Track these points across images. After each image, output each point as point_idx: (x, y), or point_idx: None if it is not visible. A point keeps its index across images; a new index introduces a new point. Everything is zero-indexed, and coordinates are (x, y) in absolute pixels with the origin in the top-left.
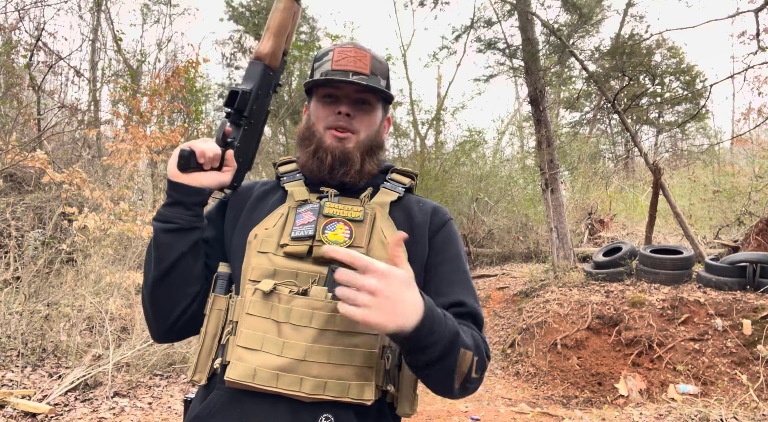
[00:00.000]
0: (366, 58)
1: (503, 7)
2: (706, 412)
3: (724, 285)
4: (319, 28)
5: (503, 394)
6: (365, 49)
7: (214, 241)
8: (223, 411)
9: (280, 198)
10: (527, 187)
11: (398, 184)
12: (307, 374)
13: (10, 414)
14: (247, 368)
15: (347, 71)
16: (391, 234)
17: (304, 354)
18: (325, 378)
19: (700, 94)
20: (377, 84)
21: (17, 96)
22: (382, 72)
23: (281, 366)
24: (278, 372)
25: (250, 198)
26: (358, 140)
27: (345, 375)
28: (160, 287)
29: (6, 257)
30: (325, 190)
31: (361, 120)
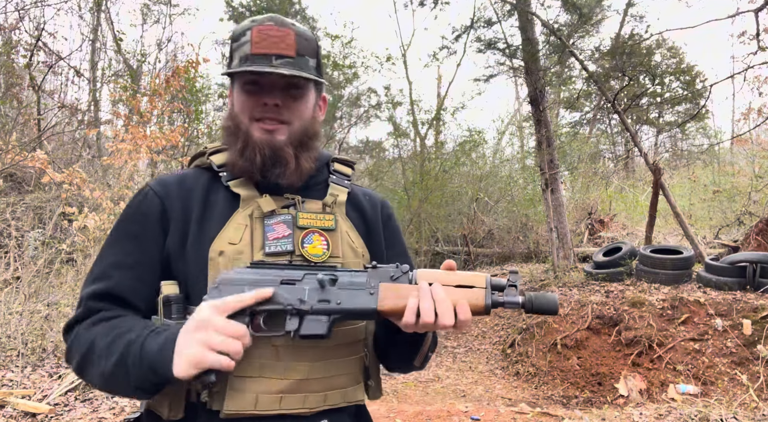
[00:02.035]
0: (289, 37)
1: (503, 7)
2: (706, 412)
3: (724, 285)
4: (319, 28)
5: (503, 394)
6: (287, 26)
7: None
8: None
9: (228, 201)
10: (527, 187)
11: (343, 177)
12: (311, 391)
13: (10, 414)
14: (247, 398)
15: (269, 55)
16: (355, 236)
17: (308, 373)
18: (326, 390)
19: (700, 94)
20: (305, 66)
21: (17, 96)
22: (310, 50)
23: (284, 389)
24: (281, 396)
25: (193, 202)
26: (290, 132)
27: (343, 383)
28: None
29: (6, 257)
30: (291, 196)
31: (291, 109)
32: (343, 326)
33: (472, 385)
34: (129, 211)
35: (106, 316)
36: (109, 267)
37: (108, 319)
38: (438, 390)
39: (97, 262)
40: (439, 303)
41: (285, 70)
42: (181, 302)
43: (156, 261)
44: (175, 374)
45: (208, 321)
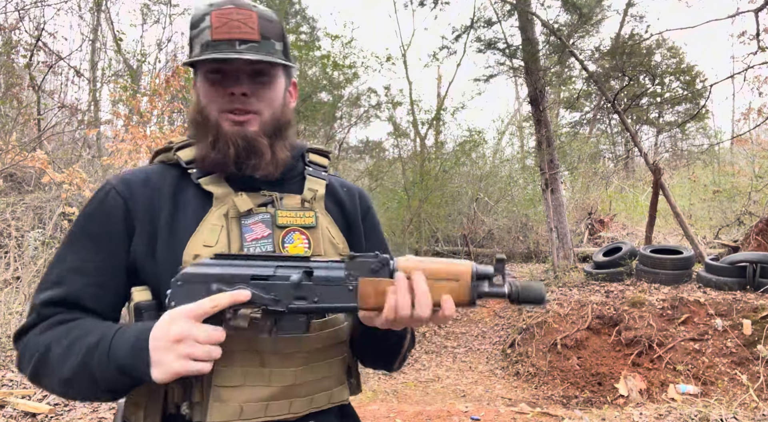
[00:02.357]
0: (252, 20)
1: (503, 7)
2: (706, 412)
3: (724, 285)
4: (319, 28)
5: (503, 394)
6: (248, 7)
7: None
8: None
9: (199, 199)
10: (527, 187)
11: (320, 168)
12: (297, 396)
13: (10, 414)
14: (231, 407)
15: (232, 40)
16: (336, 231)
17: (294, 380)
18: (313, 394)
19: (700, 94)
20: (272, 50)
21: (17, 96)
22: (276, 33)
23: (270, 395)
24: (267, 403)
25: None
26: (261, 121)
27: (328, 386)
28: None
29: (6, 257)
30: (267, 193)
31: (260, 97)
32: (327, 328)
33: (472, 385)
34: (88, 210)
35: (61, 319)
36: (67, 271)
37: (63, 322)
38: (438, 390)
39: (53, 266)
40: (418, 297)
41: (251, 56)
42: (153, 309)
43: (120, 265)
44: (155, 379)
45: (188, 333)
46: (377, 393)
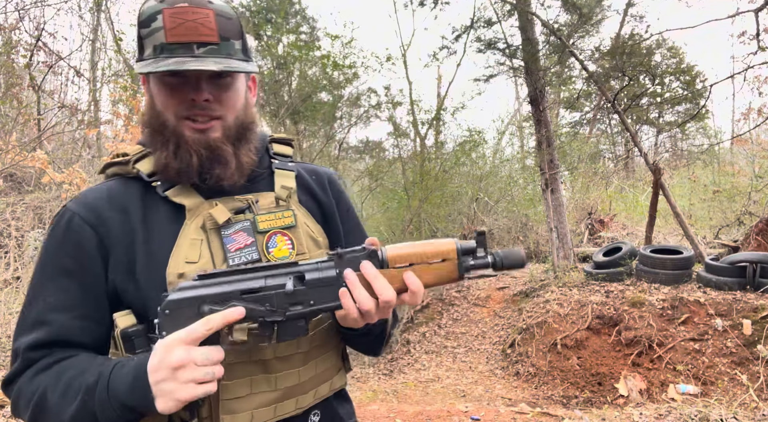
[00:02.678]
0: (210, 19)
1: (503, 7)
2: (706, 412)
3: (724, 285)
4: (319, 28)
5: (503, 394)
6: (204, 4)
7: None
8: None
9: (171, 213)
10: (527, 187)
11: (286, 159)
12: (303, 393)
13: (10, 414)
14: (243, 416)
15: (189, 44)
16: (313, 224)
17: (298, 379)
18: (317, 387)
19: (700, 94)
20: (232, 51)
21: (17, 96)
22: (234, 31)
23: (278, 397)
24: (276, 405)
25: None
26: (224, 127)
27: (327, 376)
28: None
29: (6, 257)
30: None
31: (222, 102)
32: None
33: (472, 385)
34: (55, 243)
35: (48, 363)
36: (47, 310)
37: (51, 366)
38: (438, 390)
39: (29, 306)
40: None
41: (213, 66)
42: (142, 334)
43: (101, 294)
44: (161, 411)
45: (187, 358)
46: (377, 393)
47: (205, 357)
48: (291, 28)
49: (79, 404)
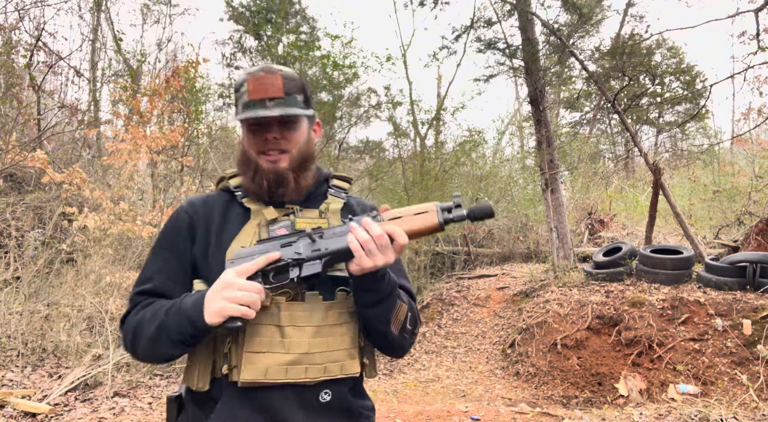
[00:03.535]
0: (277, 81)
1: (503, 7)
2: (706, 412)
3: (724, 285)
4: (319, 28)
5: (503, 394)
6: (275, 71)
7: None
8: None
9: (242, 215)
10: (527, 187)
11: (341, 190)
12: (311, 363)
13: (10, 414)
14: (258, 368)
15: (263, 99)
16: None
17: (308, 348)
18: (325, 363)
19: (700, 94)
20: (294, 103)
21: (17, 96)
22: (296, 88)
23: (289, 361)
24: (287, 367)
25: (214, 217)
26: (290, 158)
27: (339, 358)
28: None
29: (6, 257)
30: (291, 207)
31: (288, 139)
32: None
33: (472, 385)
34: (167, 227)
35: (147, 304)
36: (152, 272)
37: (148, 305)
38: (438, 390)
39: (144, 268)
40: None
41: (276, 112)
42: None
43: (187, 265)
44: (207, 321)
45: (232, 282)
46: (377, 393)
47: (245, 284)
48: (291, 28)
49: (159, 321)
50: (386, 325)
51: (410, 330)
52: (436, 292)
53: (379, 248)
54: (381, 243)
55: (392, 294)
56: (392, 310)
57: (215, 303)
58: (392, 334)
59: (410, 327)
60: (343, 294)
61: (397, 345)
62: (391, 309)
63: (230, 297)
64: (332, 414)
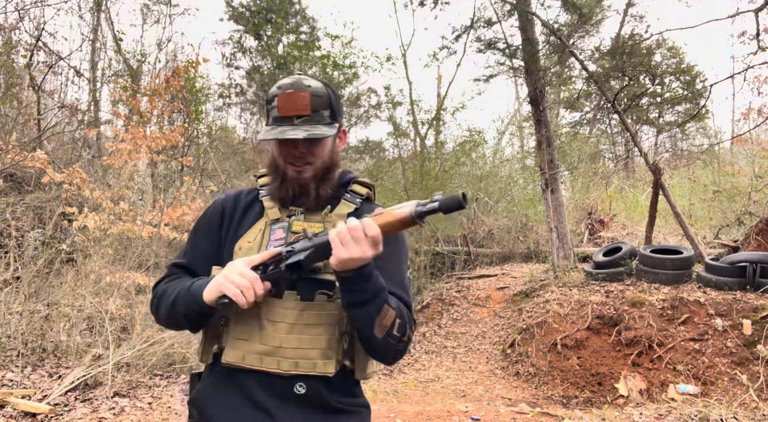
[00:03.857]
0: (305, 99)
1: (503, 7)
2: (706, 412)
3: (724, 285)
4: (319, 28)
5: (503, 394)
6: (304, 88)
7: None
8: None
9: (259, 212)
10: (527, 187)
11: (357, 196)
12: (283, 357)
13: (10, 414)
14: (238, 353)
15: (291, 117)
16: None
17: (281, 342)
18: (297, 358)
19: (700, 94)
20: (320, 120)
21: (17, 96)
22: (323, 104)
23: (263, 351)
24: (261, 356)
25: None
26: (314, 169)
27: (312, 356)
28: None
29: (6, 257)
30: (293, 208)
31: (313, 152)
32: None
33: (472, 385)
34: (204, 213)
35: (177, 276)
36: (188, 250)
37: (178, 277)
38: (438, 390)
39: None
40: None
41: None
42: None
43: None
44: (204, 298)
45: (234, 266)
46: (377, 393)
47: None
48: (291, 28)
49: (176, 295)
50: (370, 328)
51: (397, 337)
52: (436, 292)
53: (353, 239)
54: (354, 235)
55: (378, 297)
56: (377, 314)
57: (214, 281)
58: (376, 338)
59: (398, 334)
60: (323, 297)
61: (382, 349)
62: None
63: (226, 276)
64: (306, 406)
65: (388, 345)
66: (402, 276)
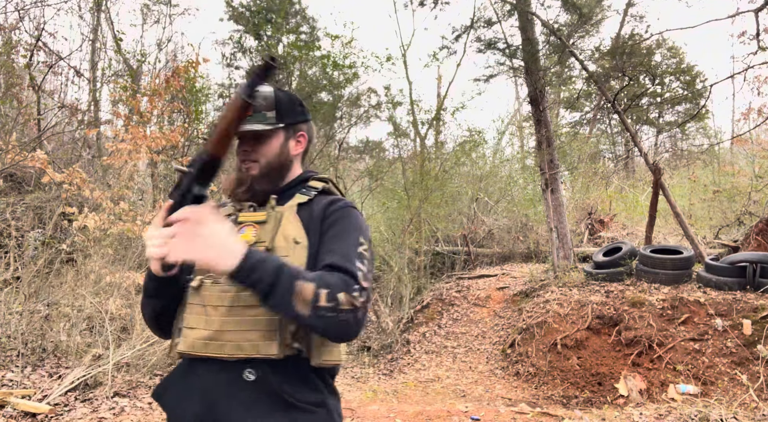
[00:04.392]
0: None
1: (503, 7)
2: (706, 412)
3: (724, 285)
4: (319, 28)
5: (503, 394)
6: None
7: None
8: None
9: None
10: (527, 187)
11: (312, 189)
12: (226, 340)
13: (10, 414)
14: (188, 342)
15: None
16: (296, 230)
17: (221, 326)
18: (239, 341)
19: (700, 94)
20: (261, 119)
21: (17, 96)
22: (266, 106)
23: (207, 337)
24: (206, 342)
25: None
26: (259, 167)
27: (253, 338)
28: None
29: (6, 257)
30: (245, 204)
31: (258, 151)
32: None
33: (472, 385)
34: None
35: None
36: None
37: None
38: (438, 390)
39: None
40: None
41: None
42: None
43: None
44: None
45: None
46: (377, 393)
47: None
48: (291, 28)
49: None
50: (291, 308)
51: (330, 307)
52: (436, 292)
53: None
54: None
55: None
56: (290, 293)
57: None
58: (305, 315)
59: (329, 304)
60: None
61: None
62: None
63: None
64: (256, 394)
65: (326, 317)
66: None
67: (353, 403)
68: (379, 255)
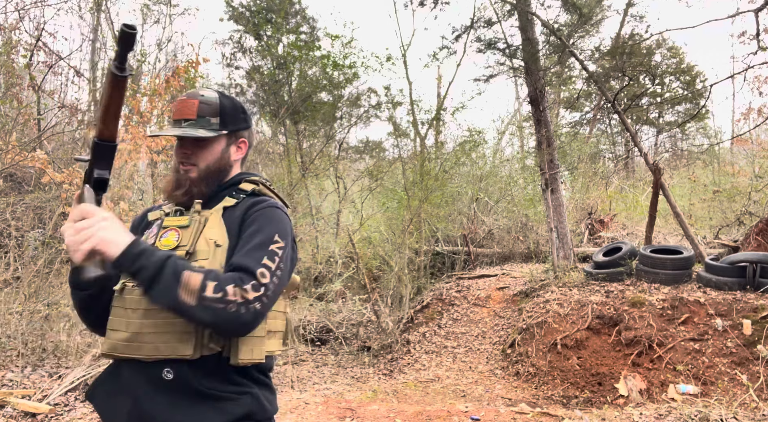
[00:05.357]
0: (193, 106)
1: (503, 7)
2: (706, 412)
3: (724, 285)
4: (319, 28)
5: (503, 394)
6: (196, 97)
7: None
8: (111, 374)
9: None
10: (527, 187)
11: (242, 192)
12: (143, 342)
13: (10, 414)
14: (111, 343)
15: (180, 120)
16: (218, 234)
17: (139, 328)
18: (156, 343)
19: (700, 94)
20: (205, 124)
21: (17, 96)
22: (211, 112)
23: (126, 338)
24: (127, 343)
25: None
26: (198, 170)
27: (169, 340)
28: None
29: (6, 257)
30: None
31: (197, 155)
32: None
33: (472, 385)
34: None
35: None
36: None
37: None
38: (438, 390)
39: None
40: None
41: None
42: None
43: None
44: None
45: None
46: (377, 393)
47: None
48: (291, 28)
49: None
50: (175, 298)
51: (218, 298)
52: (436, 292)
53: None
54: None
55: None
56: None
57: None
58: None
59: (216, 295)
60: None
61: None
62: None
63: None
64: (176, 392)
65: (212, 308)
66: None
67: (353, 403)
68: (379, 255)
